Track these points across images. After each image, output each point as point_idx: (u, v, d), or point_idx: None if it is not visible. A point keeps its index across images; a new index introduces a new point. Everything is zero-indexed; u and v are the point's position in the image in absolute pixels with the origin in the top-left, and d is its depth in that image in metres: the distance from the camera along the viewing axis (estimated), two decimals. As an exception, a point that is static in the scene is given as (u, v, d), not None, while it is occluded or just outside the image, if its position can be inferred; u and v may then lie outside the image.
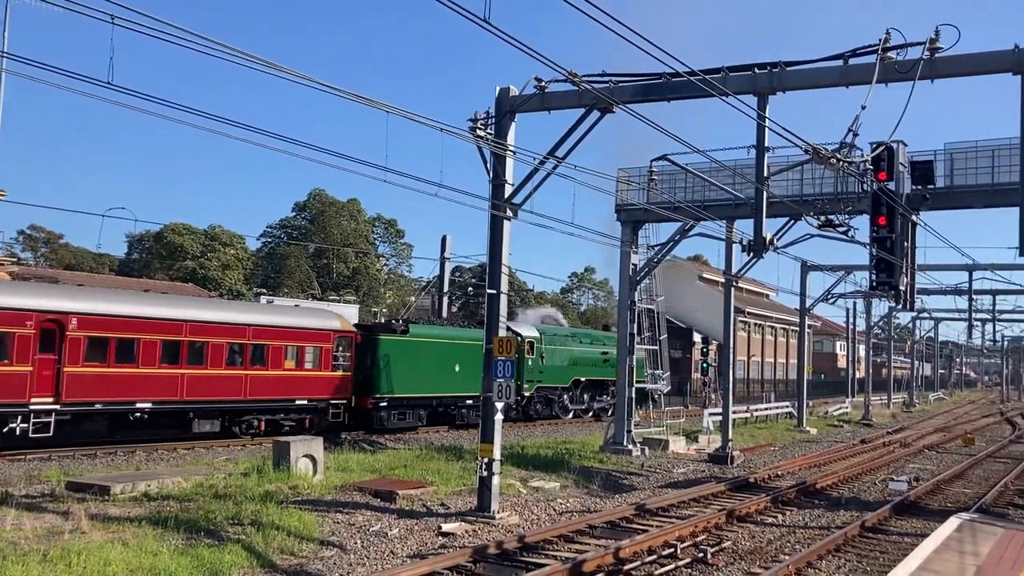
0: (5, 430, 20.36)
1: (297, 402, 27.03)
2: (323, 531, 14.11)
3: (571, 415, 38.86)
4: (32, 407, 20.76)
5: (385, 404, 29.42)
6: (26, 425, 20.63)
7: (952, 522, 12.74)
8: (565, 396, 38.62)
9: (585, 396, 40.06)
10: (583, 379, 39.49)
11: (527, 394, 35.77)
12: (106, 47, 8.85)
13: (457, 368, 31.67)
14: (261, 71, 9.99)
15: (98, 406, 22.29)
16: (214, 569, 11.50)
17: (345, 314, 32.61)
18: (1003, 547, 11.09)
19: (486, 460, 15.95)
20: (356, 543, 13.59)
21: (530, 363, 35.88)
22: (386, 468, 20.27)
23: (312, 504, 15.73)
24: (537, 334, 37.12)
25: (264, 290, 53.38)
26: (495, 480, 16.02)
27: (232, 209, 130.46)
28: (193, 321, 24.35)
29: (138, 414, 23.18)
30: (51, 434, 21.08)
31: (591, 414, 40.42)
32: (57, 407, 21.28)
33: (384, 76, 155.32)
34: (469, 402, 31.88)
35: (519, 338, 35.05)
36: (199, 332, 24.38)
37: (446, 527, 14.83)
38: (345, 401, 28.41)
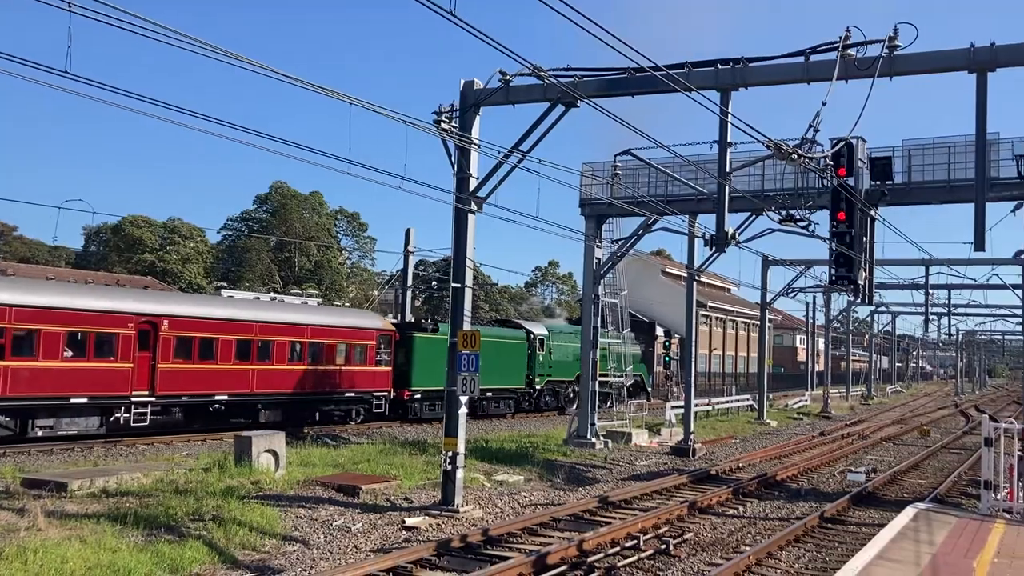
0: (111, 420, 22.97)
1: (346, 394, 29.74)
2: (286, 526, 14.00)
3: (575, 406, 39.62)
4: (133, 399, 23.29)
5: (419, 396, 32.04)
6: (128, 415, 23.17)
7: (908, 512, 12.98)
8: (570, 389, 40.41)
9: None
10: None
11: (538, 387, 38.34)
12: (79, 36, 8.65)
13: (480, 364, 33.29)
14: (221, 60, 9.86)
15: (184, 398, 24.92)
16: (174, 565, 11.36)
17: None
18: (957, 535, 11.33)
19: (450, 454, 15.94)
20: (319, 538, 13.52)
21: (540, 359, 38.40)
22: (349, 463, 20.16)
23: (274, 499, 15.60)
24: (547, 332, 39.69)
25: (224, 283, 52.73)
26: (459, 474, 16.02)
27: (192, 201, 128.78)
28: (262, 322, 27.06)
29: (217, 405, 25.65)
30: (147, 423, 23.68)
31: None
32: (152, 399, 23.82)
33: (347, 67, 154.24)
34: (489, 394, 34.75)
35: (531, 335, 38.18)
36: (267, 332, 27.08)
37: (410, 521, 14.80)
38: (386, 393, 31.04)
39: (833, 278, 18.30)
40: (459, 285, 16.96)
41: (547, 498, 18.32)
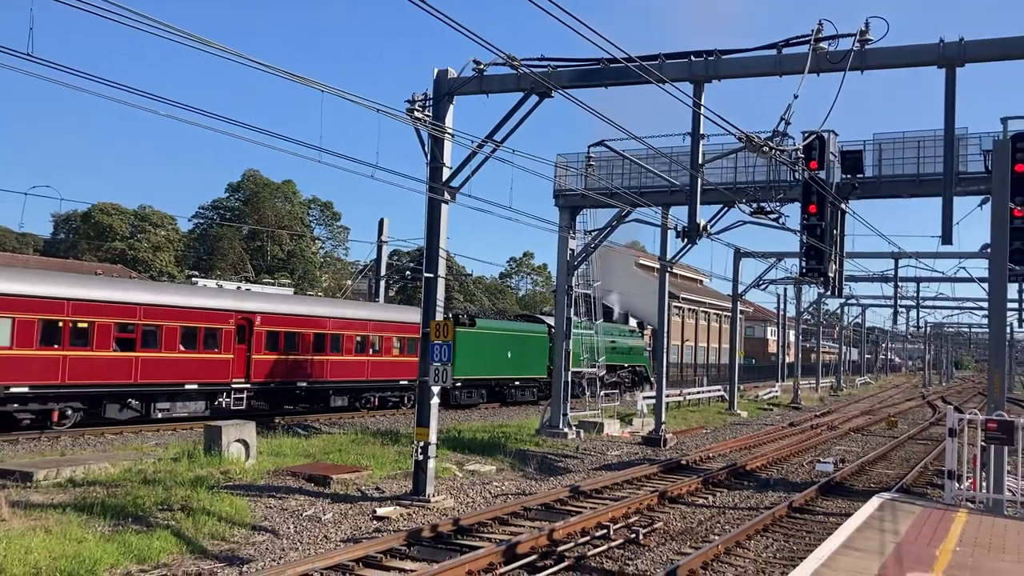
0: (215, 403, 26.28)
1: (400, 382, 33.12)
2: (255, 516, 13.93)
3: (587, 395, 41.17)
4: (233, 386, 26.68)
5: (459, 384, 34.91)
6: (229, 400, 26.54)
7: (874, 501, 13.14)
8: (582, 378, 40.81)
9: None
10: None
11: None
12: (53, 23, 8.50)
13: (509, 355, 37.01)
14: (193, 47, 9.74)
15: (272, 385, 28.23)
16: (142, 555, 11.26)
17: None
18: (921, 525, 11.49)
19: (422, 444, 15.93)
20: (289, 528, 13.46)
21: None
22: (320, 453, 20.09)
23: (244, 489, 15.51)
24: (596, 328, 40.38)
25: (196, 272, 52.25)
26: (431, 464, 16.01)
27: (163, 189, 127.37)
28: (335, 318, 30.52)
29: (297, 391, 29.09)
30: (244, 407, 26.86)
31: (602, 393, 43.03)
32: (248, 386, 27.22)
33: (320, 54, 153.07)
34: (517, 383, 38.34)
35: (551, 329, 38.56)
36: (338, 327, 30.53)
37: (381, 511, 14.77)
38: None
39: (803, 270, 18.52)
40: (432, 275, 16.92)
41: (519, 488, 18.36)
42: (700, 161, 16.84)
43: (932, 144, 23.63)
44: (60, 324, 22.56)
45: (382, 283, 38.48)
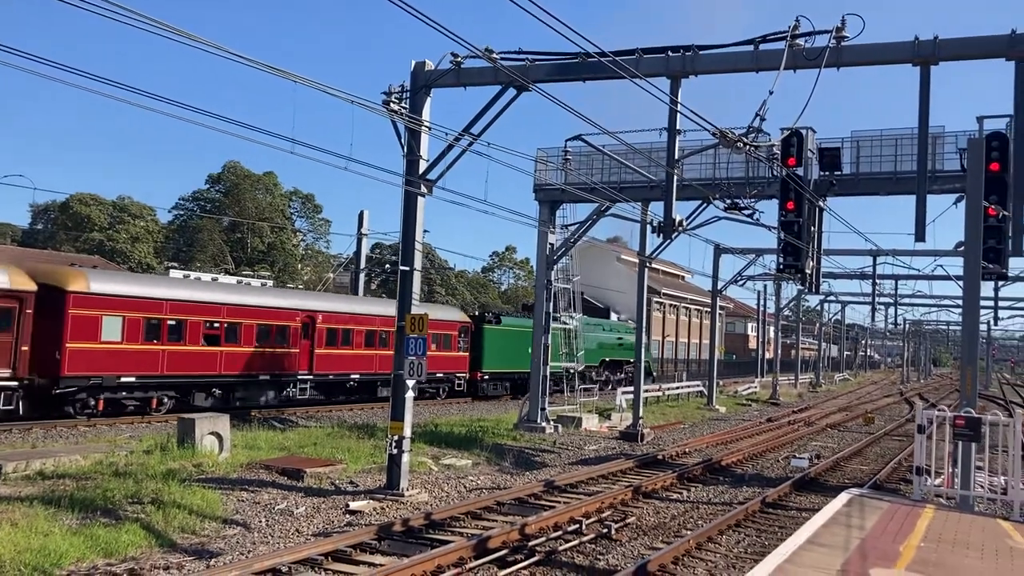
0: (283, 393, 29.33)
1: (438, 375, 35.64)
2: (227, 509, 13.85)
3: (597, 387, 43.77)
4: (299, 377, 29.69)
5: (488, 377, 38.12)
6: (295, 390, 29.50)
7: (842, 497, 13.22)
8: (593, 372, 44.85)
9: (606, 373, 47.65)
10: (607, 359, 48.01)
11: (569, 371, 41.78)
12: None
13: (530, 351, 37.81)
14: (169, 38, 9.63)
15: (331, 377, 31.23)
16: (109, 549, 11.17)
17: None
18: (887, 520, 11.57)
19: (396, 438, 15.88)
20: (261, 521, 13.39)
21: (575, 347, 42.41)
22: (295, 446, 20.00)
23: (217, 482, 15.42)
24: (577, 324, 44.28)
25: (175, 264, 51.86)
26: (405, 458, 15.97)
27: (143, 179, 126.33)
28: (382, 316, 32.65)
29: (351, 383, 31.69)
30: (307, 396, 30.22)
31: (610, 386, 46.05)
32: (311, 377, 30.13)
33: (296, 45, 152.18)
34: None
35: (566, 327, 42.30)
36: (386, 324, 32.10)
37: (354, 505, 14.73)
38: (465, 374, 37.06)
39: (781, 267, 18.55)
40: (408, 268, 16.86)
41: (494, 482, 18.35)
42: (676, 157, 16.84)
43: (910, 142, 23.73)
44: (159, 322, 25.25)
45: (361, 276, 38.32)
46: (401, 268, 16.94)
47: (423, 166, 16.73)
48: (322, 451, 19.50)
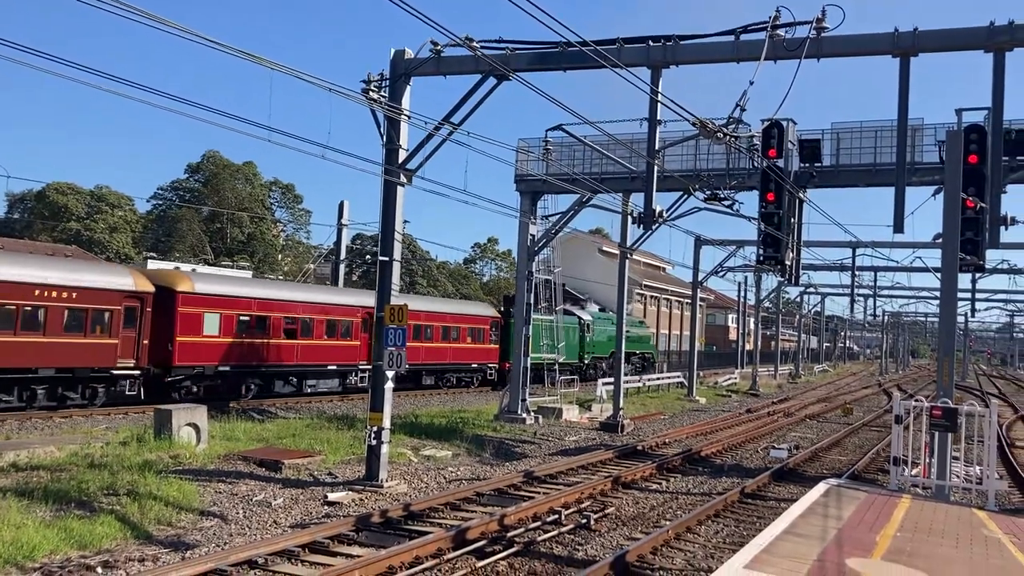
0: (346, 381, 32.85)
1: (472, 365, 39.59)
2: (204, 501, 13.74)
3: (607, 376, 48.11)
4: (360, 367, 33.03)
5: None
6: (356, 378, 33.09)
7: (820, 487, 13.27)
8: (604, 363, 48.30)
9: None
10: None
11: (587, 361, 47.69)
12: None
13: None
14: (146, 24, 9.46)
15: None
16: (83, 541, 11.04)
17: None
18: (864, 510, 11.62)
19: (375, 429, 15.80)
20: (238, 513, 13.29)
21: (588, 339, 47.70)
22: (274, 437, 19.88)
23: (194, 474, 15.30)
24: (590, 318, 49.21)
25: (154, 254, 51.38)
26: (384, 449, 15.90)
27: (120, 169, 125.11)
28: (427, 311, 36.49)
29: (403, 372, 31.78)
30: (366, 385, 31.71)
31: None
32: (369, 367, 32.94)
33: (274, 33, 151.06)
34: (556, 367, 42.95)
35: (581, 320, 47.41)
36: (431, 319, 36.48)
37: (332, 496, 14.65)
38: (496, 365, 40.49)
39: (761, 258, 18.58)
40: (387, 259, 16.76)
41: (474, 473, 18.31)
42: (657, 148, 16.81)
43: (889, 134, 23.78)
44: (249, 318, 28.28)
45: (341, 267, 38.16)
46: (381, 259, 16.83)
47: (403, 155, 16.63)
48: (301, 442, 19.40)
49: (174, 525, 12.44)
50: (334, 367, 32.05)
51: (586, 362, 47.68)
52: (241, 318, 27.99)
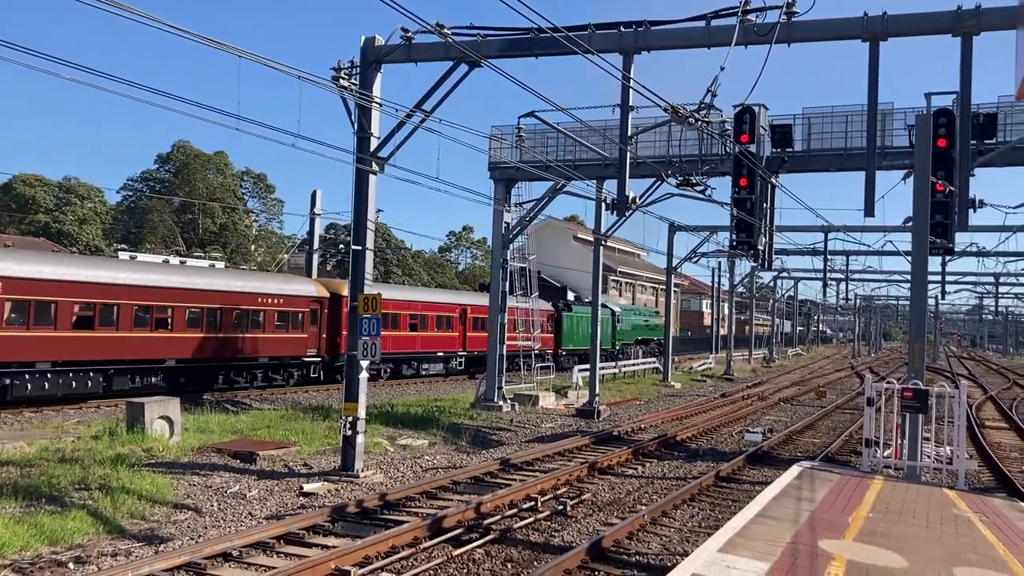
0: (448, 365, 39.27)
1: (535, 351, 42.55)
2: (177, 494, 13.61)
3: (629, 359, 52.45)
4: (458, 354, 39.80)
5: (564, 354, 47.08)
6: (454, 363, 39.74)
7: (794, 470, 13.39)
8: (630, 348, 55.08)
9: (640, 349, 57.21)
10: (640, 338, 58.58)
11: (618, 347, 52.97)
12: None
13: (589, 331, 44.18)
14: (107, 11, 9.29)
15: (476, 354, 39.89)
16: (55, 537, 10.90)
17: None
18: (837, 492, 11.74)
19: (350, 419, 15.72)
20: (212, 505, 13.18)
21: (619, 328, 53.93)
22: (248, 429, 19.75)
23: (167, 467, 15.16)
24: (620, 310, 55.50)
25: (124, 246, 50.83)
26: (359, 439, 15.83)
27: (90, 160, 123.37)
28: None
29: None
30: (463, 368, 40.39)
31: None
32: (464, 354, 40.14)
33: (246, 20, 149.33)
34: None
35: (614, 312, 52.92)
36: (511, 313, 35.95)
37: (308, 487, 14.57)
38: (551, 351, 44.67)
39: (734, 243, 18.66)
40: (360, 248, 16.65)
41: (450, 461, 18.29)
42: (630, 134, 16.80)
43: (860, 119, 23.89)
44: (385, 315, 29.10)
45: (315, 257, 37.87)
46: (354, 248, 16.72)
47: (374, 143, 16.51)
48: (276, 434, 19.28)
49: (147, 519, 12.32)
50: (440, 354, 38.66)
51: (617, 348, 53.45)
52: (386, 315, 30.63)
